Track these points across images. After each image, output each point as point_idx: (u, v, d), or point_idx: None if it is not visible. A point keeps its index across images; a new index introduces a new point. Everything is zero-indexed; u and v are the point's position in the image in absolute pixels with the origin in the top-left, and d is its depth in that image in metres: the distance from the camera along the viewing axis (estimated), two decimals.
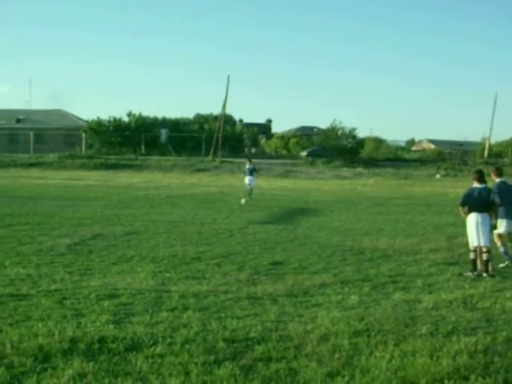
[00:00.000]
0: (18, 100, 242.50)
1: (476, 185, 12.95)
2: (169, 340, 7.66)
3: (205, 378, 6.43)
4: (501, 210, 13.19)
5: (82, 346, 7.36)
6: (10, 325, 8.24)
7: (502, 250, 13.50)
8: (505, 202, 13.10)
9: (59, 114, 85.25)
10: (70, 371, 6.49)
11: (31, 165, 58.37)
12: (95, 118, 76.22)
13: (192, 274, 11.91)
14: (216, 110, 79.06)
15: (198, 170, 56.64)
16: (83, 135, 73.67)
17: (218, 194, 33.72)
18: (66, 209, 23.71)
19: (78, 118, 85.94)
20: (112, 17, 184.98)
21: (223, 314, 8.99)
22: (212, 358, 7.03)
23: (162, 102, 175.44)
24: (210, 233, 18.00)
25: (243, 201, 27.81)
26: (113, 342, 7.51)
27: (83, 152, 69.64)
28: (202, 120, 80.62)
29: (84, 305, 9.39)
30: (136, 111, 76.85)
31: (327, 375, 6.57)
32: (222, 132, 68.42)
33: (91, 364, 6.72)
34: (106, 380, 6.28)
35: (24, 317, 8.66)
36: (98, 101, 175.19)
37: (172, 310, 9.22)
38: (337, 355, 7.21)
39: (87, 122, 77.54)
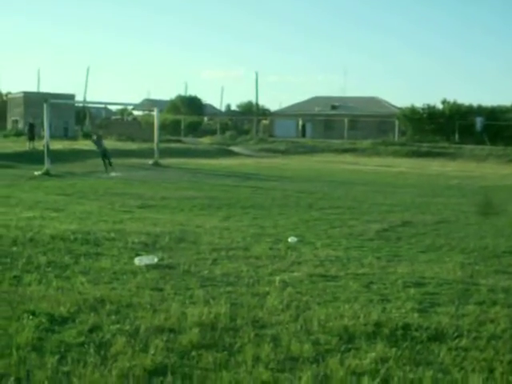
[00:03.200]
0: (333, 87, 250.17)
1: None
2: (474, 334, 7.43)
3: (510, 377, 6.14)
4: None
5: (385, 330, 7.41)
6: (318, 303, 8.54)
7: None
8: None
9: (373, 101, 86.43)
10: (373, 354, 6.57)
11: (345, 150, 59.90)
12: (409, 105, 76.16)
13: (502, 268, 11.43)
14: None
15: None
16: (396, 122, 73.95)
17: None
18: (377, 195, 24.03)
19: (391, 105, 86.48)
20: None
21: None
22: None
23: (478, 90, 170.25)
24: None
25: None
26: (416, 330, 7.47)
27: (396, 139, 69.93)
28: None
29: (390, 290, 9.45)
30: (450, 99, 75.66)
31: None
32: None
33: (394, 350, 6.75)
34: (407, 367, 6.26)
35: (332, 297, 8.94)
36: (411, 88, 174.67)
37: (479, 303, 8.92)
38: None
39: (401, 109, 77.66)
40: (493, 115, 73.17)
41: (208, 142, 66.00)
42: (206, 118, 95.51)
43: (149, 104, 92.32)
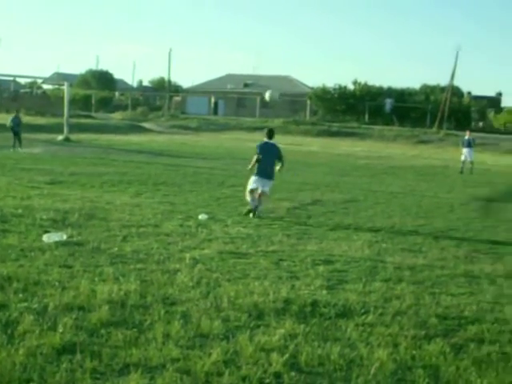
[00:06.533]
0: (246, 66, 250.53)
1: None
2: (380, 310, 7.62)
3: (413, 351, 6.33)
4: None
5: (294, 307, 7.52)
6: (228, 280, 8.59)
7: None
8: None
9: (286, 80, 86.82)
10: (282, 331, 6.66)
11: (256, 129, 59.97)
12: (320, 85, 76.96)
13: (408, 247, 11.75)
14: (443, 81, 76.83)
15: (421, 142, 55.50)
16: (308, 102, 74.64)
17: (440, 167, 32.93)
18: (287, 173, 24.17)
19: (303, 84, 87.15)
20: None
21: (437, 290, 8.80)
22: (422, 332, 6.91)
23: (388, 72, 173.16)
24: (430, 206, 17.67)
25: None
26: (325, 306, 7.61)
27: (307, 118, 70.64)
28: (428, 91, 78.65)
29: (299, 268, 9.58)
30: (361, 80, 76.86)
31: None
32: (449, 104, 66.53)
33: (302, 326, 6.85)
34: (316, 343, 6.37)
35: (242, 274, 9.00)
36: (323, 68, 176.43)
37: (386, 280, 9.16)
38: None
39: (312, 88, 78.38)
40: (402, 97, 74.81)
41: (119, 117, 65.13)
42: (117, 94, 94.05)
43: (59, 78, 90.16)
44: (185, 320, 6.81)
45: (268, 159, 14.45)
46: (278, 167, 14.63)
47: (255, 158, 14.37)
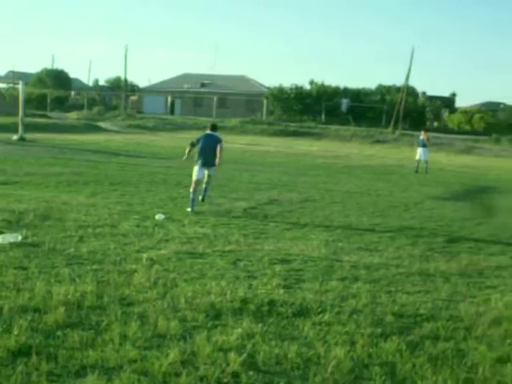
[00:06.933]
0: (203, 65, 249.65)
1: None
2: (337, 309, 7.69)
3: (370, 349, 6.41)
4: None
5: (252, 307, 7.54)
6: (185, 281, 8.58)
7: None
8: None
9: (242, 79, 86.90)
10: (239, 330, 6.68)
11: None
12: (277, 85, 77.18)
13: (365, 246, 11.86)
14: (399, 82, 77.60)
15: (377, 142, 55.93)
16: (265, 101, 74.79)
17: (395, 167, 33.21)
18: (245, 173, 24.25)
19: (260, 84, 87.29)
20: None
21: (393, 288, 8.90)
22: (379, 330, 7.00)
23: (345, 72, 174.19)
24: (386, 205, 17.83)
25: None
26: (282, 306, 7.65)
27: (264, 118, 70.76)
28: (383, 91, 79.38)
29: (256, 267, 9.61)
30: (318, 80, 77.29)
31: (497, 360, 6.35)
32: (404, 104, 67.23)
33: (260, 325, 6.88)
34: (273, 342, 6.40)
35: (199, 274, 8.99)
36: (280, 68, 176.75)
37: (342, 279, 9.23)
38: (508, 341, 6.96)
39: (269, 88, 78.57)
40: (358, 97, 75.42)
41: (75, 117, 64.36)
42: (73, 93, 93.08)
43: (14, 76, 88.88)
44: (142, 321, 6.79)
45: (209, 149, 14.95)
46: (217, 160, 15.07)
47: (190, 143, 15.29)
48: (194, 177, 14.84)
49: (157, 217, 13.29)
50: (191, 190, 14.77)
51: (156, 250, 10.27)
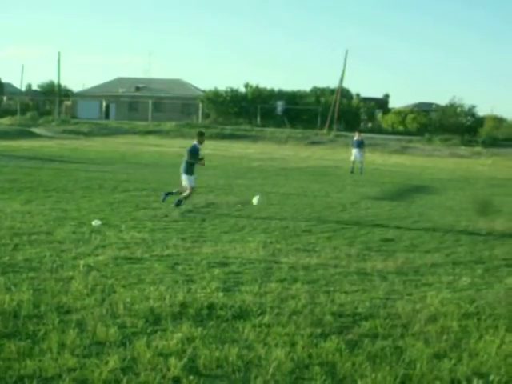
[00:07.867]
0: (138, 69, 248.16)
1: None
2: (276, 310, 7.72)
3: (310, 350, 6.45)
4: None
5: (191, 311, 7.52)
6: (124, 286, 8.51)
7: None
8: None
9: (178, 83, 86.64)
10: (179, 334, 6.66)
11: (149, 132, 59.75)
12: (212, 88, 77.18)
13: (302, 247, 11.94)
14: (333, 84, 78.43)
15: (313, 143, 56.45)
16: (200, 105, 74.71)
17: (331, 168, 33.58)
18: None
19: (195, 87, 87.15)
20: None
21: (332, 288, 8.99)
22: (318, 330, 7.05)
23: (279, 75, 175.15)
24: (323, 206, 17.99)
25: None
26: (221, 309, 7.65)
27: (200, 121, 70.63)
28: (318, 93, 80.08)
29: (195, 271, 9.59)
30: (253, 83, 77.54)
31: (434, 356, 6.48)
32: (339, 106, 67.99)
33: (200, 329, 6.87)
34: (213, 346, 6.40)
35: (137, 279, 8.93)
36: (215, 72, 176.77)
37: (281, 281, 9.28)
38: (445, 337, 7.10)
39: (204, 91, 78.50)
40: (293, 100, 75.92)
41: (8, 122, 63.18)
42: (5, 98, 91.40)
43: None
44: (80, 328, 6.71)
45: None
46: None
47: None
48: (194, 185, 16.54)
49: (93, 223, 13.14)
50: (186, 195, 16.15)
51: (93, 257, 10.15)
